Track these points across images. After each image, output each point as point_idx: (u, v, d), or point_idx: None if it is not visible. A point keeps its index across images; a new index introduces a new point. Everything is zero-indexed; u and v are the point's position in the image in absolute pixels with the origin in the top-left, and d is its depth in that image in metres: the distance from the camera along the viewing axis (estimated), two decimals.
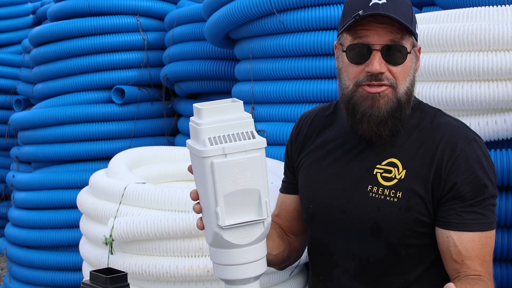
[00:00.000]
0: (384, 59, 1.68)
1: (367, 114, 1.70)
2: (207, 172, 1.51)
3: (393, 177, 1.72)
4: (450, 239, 1.66)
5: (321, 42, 3.95)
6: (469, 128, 1.76)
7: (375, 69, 1.67)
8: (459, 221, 1.66)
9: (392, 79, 1.69)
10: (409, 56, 1.71)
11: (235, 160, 1.51)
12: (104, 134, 5.44)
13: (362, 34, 1.69)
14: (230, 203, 1.53)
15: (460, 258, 1.66)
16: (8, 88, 7.15)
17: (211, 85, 5.28)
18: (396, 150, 1.75)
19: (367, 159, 1.77)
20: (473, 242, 1.65)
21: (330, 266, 1.81)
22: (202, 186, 1.54)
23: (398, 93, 1.70)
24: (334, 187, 1.79)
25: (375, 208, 1.72)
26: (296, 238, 1.96)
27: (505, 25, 2.73)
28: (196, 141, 1.54)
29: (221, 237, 1.55)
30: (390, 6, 1.67)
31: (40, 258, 5.36)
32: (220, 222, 1.53)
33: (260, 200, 1.55)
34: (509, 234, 2.89)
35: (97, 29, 5.49)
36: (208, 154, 1.50)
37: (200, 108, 1.53)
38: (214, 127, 1.52)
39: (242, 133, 1.53)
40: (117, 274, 1.75)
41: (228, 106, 1.55)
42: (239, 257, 1.57)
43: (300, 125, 1.94)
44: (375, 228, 1.72)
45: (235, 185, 1.52)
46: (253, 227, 1.57)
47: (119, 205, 3.11)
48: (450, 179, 1.67)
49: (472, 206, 1.66)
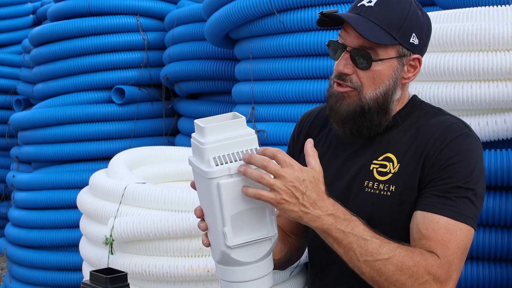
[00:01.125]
0: (352, 61, 1.70)
1: (334, 110, 1.74)
2: (213, 193, 1.49)
3: (388, 172, 1.73)
4: (414, 218, 1.64)
5: (321, 42, 3.95)
6: (467, 125, 1.75)
7: (338, 68, 1.71)
8: (428, 202, 1.64)
9: (357, 83, 1.71)
10: (386, 64, 1.70)
11: (241, 179, 1.49)
12: (104, 134, 5.44)
13: (342, 33, 1.73)
14: (237, 222, 1.52)
15: (418, 236, 1.62)
16: (8, 88, 7.16)
17: (211, 85, 5.28)
18: (392, 145, 1.75)
19: (364, 156, 1.77)
20: (436, 224, 1.61)
21: (328, 262, 1.81)
22: (208, 206, 1.53)
23: (362, 98, 1.71)
24: (333, 184, 1.79)
25: (370, 203, 1.72)
26: (297, 238, 1.96)
27: (505, 25, 2.73)
28: (200, 160, 1.51)
29: (229, 256, 1.54)
30: (374, 11, 1.68)
31: (40, 258, 5.36)
32: (228, 242, 1.51)
33: (267, 217, 1.55)
34: (509, 234, 2.89)
35: (97, 29, 5.49)
36: (214, 176, 1.47)
37: (203, 127, 1.50)
38: (218, 146, 1.49)
39: (246, 150, 1.51)
40: (117, 274, 1.75)
41: (231, 123, 1.52)
42: (247, 274, 1.57)
43: (302, 124, 1.95)
44: (370, 223, 1.72)
45: (242, 205, 1.51)
46: (260, 244, 1.56)
47: (119, 205, 3.11)
48: (433, 166, 1.66)
49: (445, 192, 1.63)
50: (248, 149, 1.51)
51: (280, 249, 1.84)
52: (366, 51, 1.68)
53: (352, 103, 1.71)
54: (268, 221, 1.55)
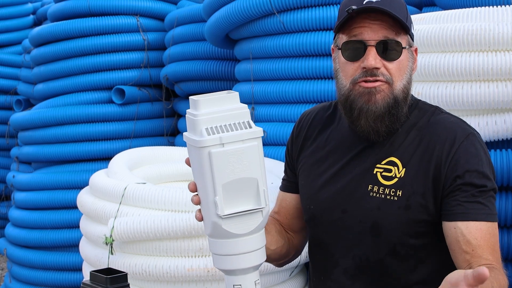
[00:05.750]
0: (379, 55, 1.69)
1: (364, 110, 1.71)
2: (205, 162, 1.51)
3: (393, 176, 1.72)
4: (458, 229, 1.65)
5: (321, 42, 3.95)
6: (467, 124, 1.76)
7: (370, 64, 1.68)
8: (464, 211, 1.65)
9: (388, 75, 1.70)
10: (405, 53, 1.71)
11: (232, 149, 1.52)
12: (104, 134, 5.44)
13: (357, 32, 1.70)
14: (229, 193, 1.54)
15: (470, 248, 1.63)
16: (8, 89, 7.15)
17: (211, 85, 5.28)
18: (395, 149, 1.75)
19: (367, 159, 1.77)
20: (481, 231, 1.64)
21: (330, 266, 1.81)
22: (200, 177, 1.55)
23: (394, 90, 1.70)
24: (334, 187, 1.79)
25: (375, 207, 1.72)
26: (296, 235, 1.96)
27: (505, 25, 2.73)
28: (193, 132, 1.54)
29: (220, 227, 1.55)
30: (385, 3, 1.68)
31: (40, 258, 5.36)
32: (219, 211, 1.53)
33: (258, 189, 1.56)
34: (509, 234, 2.89)
35: (97, 30, 5.49)
36: (206, 144, 1.50)
37: (197, 100, 1.54)
38: (211, 118, 1.52)
39: (239, 123, 1.54)
40: (117, 274, 1.76)
41: (224, 97, 1.56)
42: (238, 246, 1.58)
43: (300, 124, 1.94)
44: (375, 227, 1.72)
45: (233, 175, 1.53)
46: (252, 216, 1.57)
47: (119, 205, 3.11)
48: (451, 174, 1.67)
49: (474, 196, 1.66)
50: (240, 121, 1.54)
51: (277, 240, 1.84)
52: (396, 40, 1.69)
53: (386, 96, 1.70)
54: (260, 193, 1.56)
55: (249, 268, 1.60)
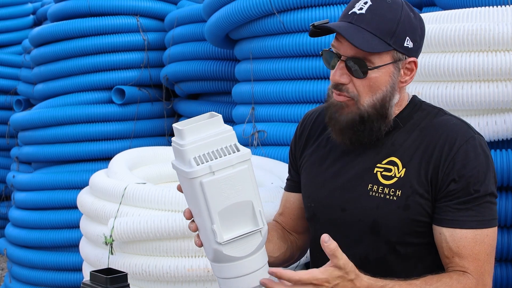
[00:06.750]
0: (348, 70, 1.70)
1: (333, 120, 1.75)
2: (197, 192, 1.51)
3: (393, 176, 1.73)
4: (443, 235, 1.67)
5: (321, 42, 3.95)
6: (470, 126, 1.76)
7: (334, 79, 1.71)
8: (452, 218, 1.66)
9: (354, 92, 1.70)
10: (383, 70, 1.69)
11: (223, 176, 1.51)
12: (104, 134, 5.44)
13: (335, 43, 1.72)
14: (225, 218, 1.53)
15: (450, 254, 1.67)
16: (8, 89, 7.16)
17: (211, 85, 5.28)
18: (396, 148, 1.75)
19: (367, 158, 1.77)
20: (466, 240, 1.65)
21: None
22: (195, 206, 1.55)
23: (360, 107, 1.70)
24: (334, 186, 1.80)
25: (375, 206, 1.72)
26: (300, 236, 1.97)
27: (505, 25, 2.73)
28: (182, 162, 1.53)
29: (222, 253, 1.55)
30: (366, 18, 1.67)
31: (40, 258, 5.36)
32: (218, 239, 1.53)
33: (254, 210, 1.56)
34: (509, 234, 2.89)
35: (98, 30, 5.49)
36: (196, 175, 1.49)
37: (181, 129, 1.52)
38: (198, 146, 1.51)
39: (226, 147, 1.53)
40: (117, 274, 1.76)
41: (208, 123, 1.54)
42: (241, 268, 1.58)
43: (304, 124, 1.96)
44: (374, 227, 1.72)
45: (227, 201, 1.52)
46: (251, 237, 1.57)
47: (119, 206, 3.11)
48: (446, 177, 1.67)
49: (466, 203, 1.66)
50: (227, 145, 1.53)
51: (279, 247, 1.85)
52: (361, 59, 1.67)
53: (351, 112, 1.71)
54: (255, 214, 1.56)
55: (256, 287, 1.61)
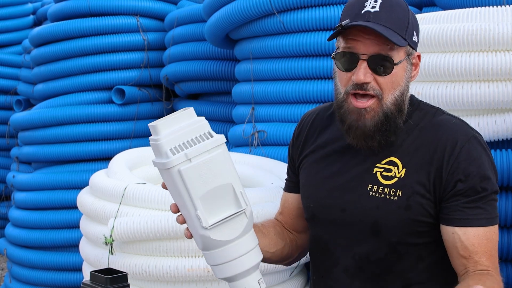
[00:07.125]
0: (371, 68, 1.69)
1: (353, 127, 1.73)
2: (177, 181, 1.54)
3: (393, 176, 1.73)
4: (456, 235, 1.68)
5: (321, 42, 3.95)
6: (469, 125, 1.77)
7: (359, 79, 1.69)
8: (463, 216, 1.67)
9: (378, 90, 1.70)
10: (399, 66, 1.71)
11: (200, 162, 1.55)
12: (104, 134, 5.45)
13: (351, 44, 1.70)
14: (208, 203, 1.57)
15: (467, 253, 1.67)
16: (8, 89, 7.16)
17: (211, 85, 5.28)
18: (396, 149, 1.75)
19: (366, 159, 1.77)
20: (479, 237, 1.67)
21: (330, 264, 1.82)
22: (178, 196, 1.58)
23: (384, 105, 1.71)
24: (334, 186, 1.80)
25: (375, 207, 1.72)
26: (300, 235, 1.98)
27: (505, 25, 2.73)
28: (160, 156, 1.57)
29: (209, 238, 1.58)
30: (382, 15, 1.67)
31: (40, 258, 5.36)
32: (203, 223, 1.56)
33: (235, 192, 1.59)
34: (509, 234, 2.89)
35: (98, 30, 5.49)
36: (173, 164, 1.53)
37: (155, 125, 1.57)
38: (173, 138, 1.55)
39: (200, 135, 1.57)
40: (117, 274, 1.76)
41: (181, 115, 1.59)
42: (232, 252, 1.61)
43: (301, 125, 1.96)
44: (375, 227, 1.73)
45: (207, 185, 1.56)
46: (236, 220, 1.61)
47: (119, 206, 3.11)
48: (452, 177, 1.68)
49: (474, 201, 1.67)
50: (201, 133, 1.57)
51: (276, 243, 1.86)
52: (387, 56, 1.68)
53: (376, 114, 1.71)
54: (237, 196, 1.59)
55: (249, 270, 1.62)
